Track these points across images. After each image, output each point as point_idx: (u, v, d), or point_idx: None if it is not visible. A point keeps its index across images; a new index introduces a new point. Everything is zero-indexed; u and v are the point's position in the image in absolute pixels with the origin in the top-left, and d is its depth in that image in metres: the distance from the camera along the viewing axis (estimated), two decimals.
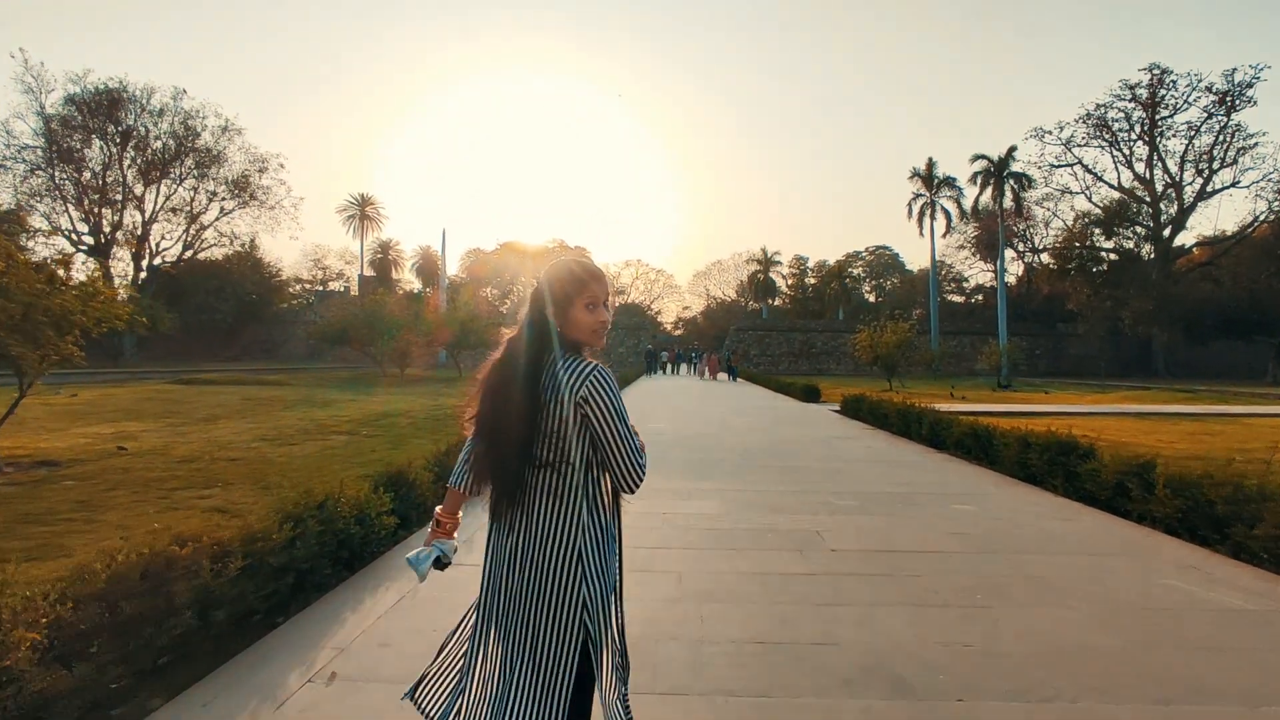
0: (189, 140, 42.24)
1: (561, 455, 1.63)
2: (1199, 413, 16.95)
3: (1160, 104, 43.12)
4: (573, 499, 1.65)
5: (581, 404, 1.58)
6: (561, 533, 1.64)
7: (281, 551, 3.25)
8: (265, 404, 16.17)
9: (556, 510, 1.65)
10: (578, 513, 1.65)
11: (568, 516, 1.65)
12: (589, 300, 1.69)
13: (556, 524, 1.64)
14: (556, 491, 1.65)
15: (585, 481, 1.66)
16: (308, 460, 8.33)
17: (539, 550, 1.64)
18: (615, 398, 1.62)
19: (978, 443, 8.46)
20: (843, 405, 15.02)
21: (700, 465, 8.07)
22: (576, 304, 1.68)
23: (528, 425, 1.61)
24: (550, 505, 1.65)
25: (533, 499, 1.66)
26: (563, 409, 1.59)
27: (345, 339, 30.54)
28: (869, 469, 7.97)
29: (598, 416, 1.60)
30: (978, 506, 6.00)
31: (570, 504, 1.65)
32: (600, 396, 1.59)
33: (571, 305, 1.69)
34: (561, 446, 1.62)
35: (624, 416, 1.64)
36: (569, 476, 1.64)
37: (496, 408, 1.68)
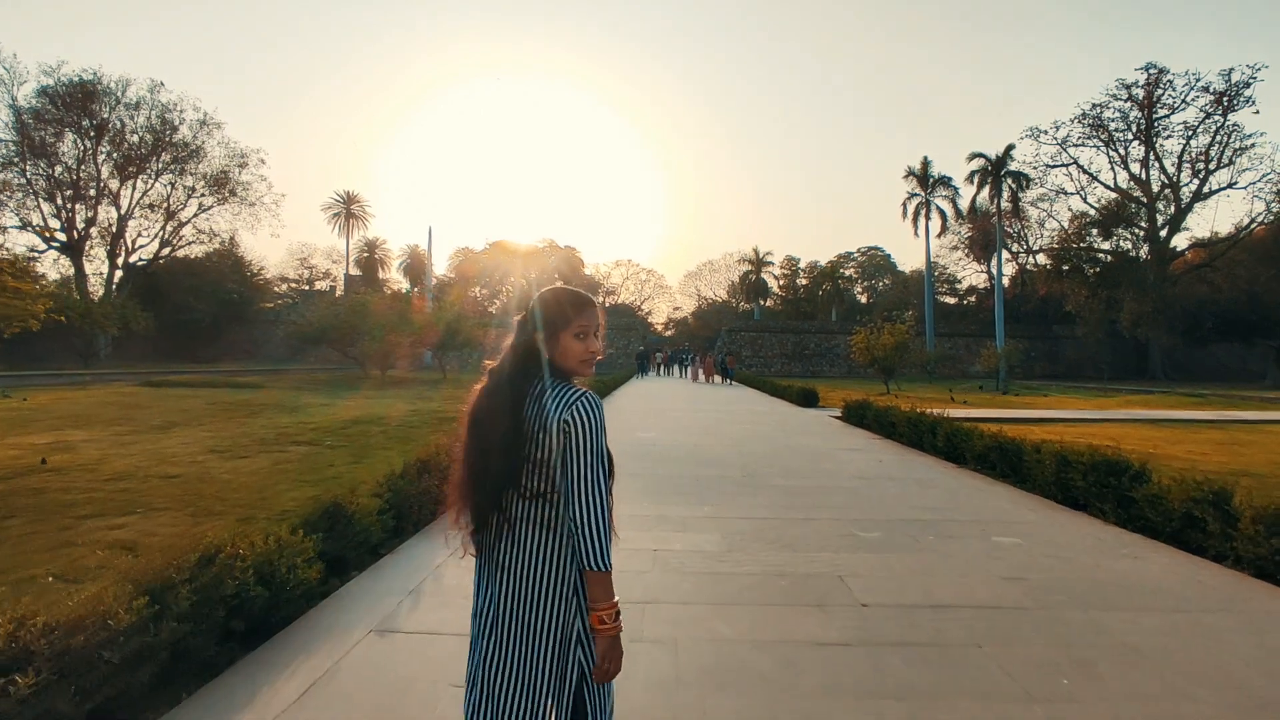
0: (166, 134, 40.94)
1: (551, 485, 1.58)
2: (1217, 419, 16.22)
3: (1157, 104, 42.60)
4: (564, 530, 1.59)
5: (564, 426, 1.54)
6: (555, 565, 1.59)
7: (122, 642, 2.34)
8: (231, 409, 15.19)
9: (549, 542, 1.60)
10: (552, 547, 1.60)
11: (561, 548, 1.60)
12: (579, 329, 1.66)
13: (549, 556, 1.60)
14: (549, 523, 1.60)
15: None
16: (255, 477, 7.40)
17: (532, 585, 1.59)
18: (598, 429, 1.56)
19: (1004, 458, 7.62)
20: (845, 412, 14.16)
21: (696, 485, 7.18)
22: (567, 332, 1.65)
23: (512, 453, 1.58)
24: (543, 537, 1.60)
25: (523, 531, 1.61)
26: (549, 437, 1.55)
27: (325, 340, 29.51)
28: (885, 489, 7.11)
29: (573, 443, 1.54)
30: (1022, 539, 5.14)
31: (562, 535, 1.59)
32: (582, 422, 1.54)
33: (562, 332, 1.65)
34: (551, 476, 1.57)
35: (602, 453, 1.56)
36: (560, 506, 1.58)
37: (481, 436, 1.65)
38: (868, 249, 79.61)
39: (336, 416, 14.10)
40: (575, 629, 1.59)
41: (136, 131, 40.62)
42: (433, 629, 3.37)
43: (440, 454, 5.99)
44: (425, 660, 3.02)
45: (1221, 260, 41.61)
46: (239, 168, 43.29)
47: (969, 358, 49.66)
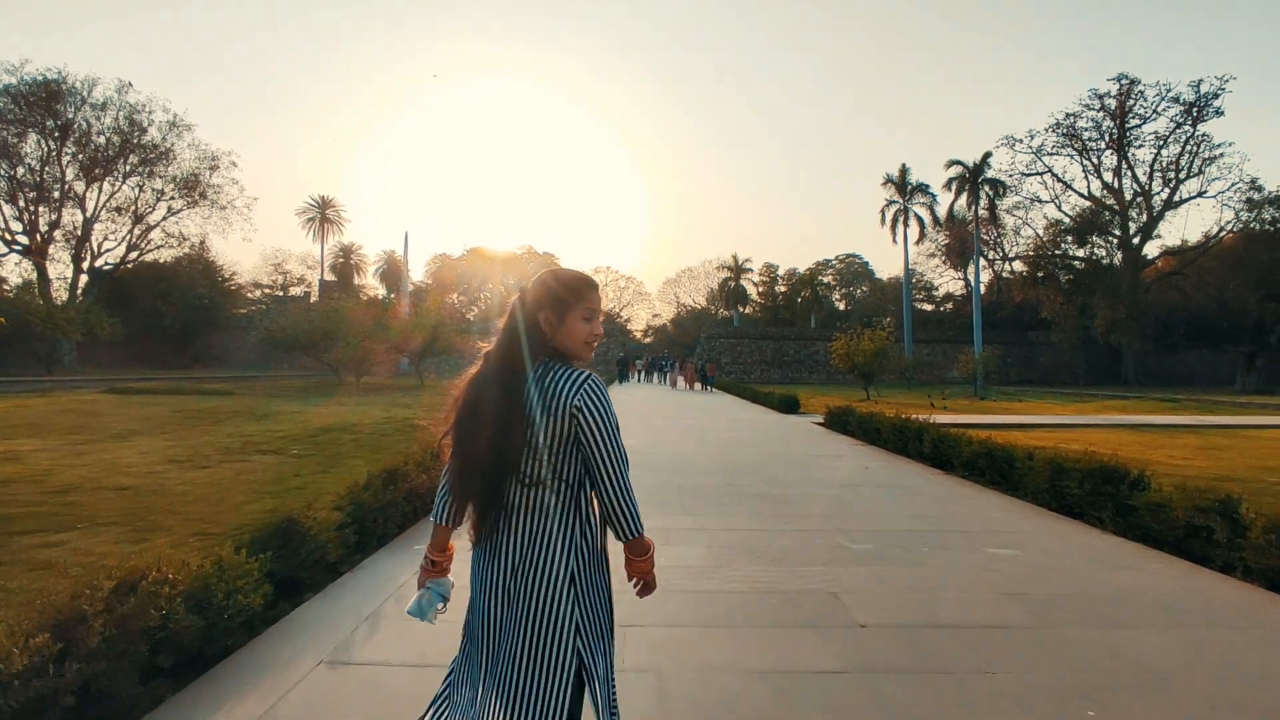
0: (134, 136, 39.96)
1: (554, 471, 1.55)
2: (1193, 424, 16.27)
3: (1129, 114, 43.30)
4: (565, 517, 1.57)
5: (575, 413, 1.51)
6: (553, 553, 1.55)
7: (16, 688, 1.99)
8: (196, 417, 14.66)
9: (547, 530, 1.56)
10: (570, 532, 1.57)
11: (560, 536, 1.56)
12: (587, 311, 1.62)
13: (547, 544, 1.55)
14: (549, 510, 1.56)
15: (579, 499, 1.60)
16: (213, 489, 6.99)
17: (529, 573, 1.55)
18: (611, 412, 1.56)
19: (994, 465, 7.42)
20: (827, 418, 13.98)
21: (679, 494, 6.89)
22: (575, 313, 1.61)
23: (511, 438, 1.52)
24: (541, 524, 1.56)
25: (521, 519, 1.57)
26: (556, 421, 1.52)
27: (298, 346, 28.88)
28: (874, 497, 6.87)
29: (591, 430, 1.52)
30: (1019, 550, 4.91)
31: (562, 523, 1.57)
32: (596, 407, 1.53)
33: (570, 313, 1.61)
34: (554, 462, 1.54)
35: (618, 434, 1.56)
36: (562, 494, 1.57)
37: (476, 422, 1.58)
38: (845, 256, 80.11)
39: (307, 424, 13.64)
40: (574, 617, 1.55)
41: (103, 132, 39.66)
42: (390, 659, 3.04)
43: (409, 463, 5.66)
44: (380, 696, 2.69)
45: (1191, 268, 42.32)
46: (210, 170, 42.44)
47: (946, 364, 49.96)
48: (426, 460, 5.94)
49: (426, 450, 6.33)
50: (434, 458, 6.19)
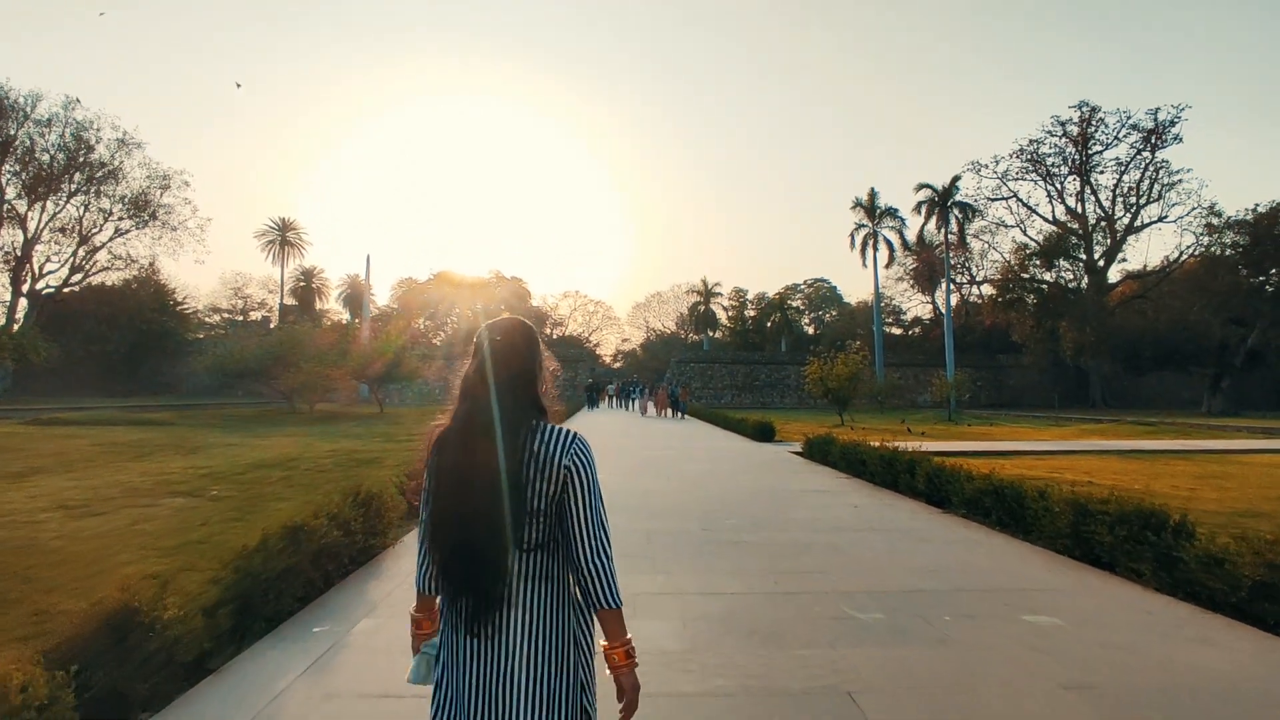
0: (81, 153, 38.19)
1: (549, 534, 1.50)
2: (1182, 449, 15.80)
3: (1091, 140, 44.05)
4: (563, 580, 1.52)
5: (565, 472, 1.48)
6: (556, 618, 1.49)
7: None
8: (118, 451, 13.34)
9: (548, 595, 1.49)
10: (569, 594, 1.53)
11: (561, 599, 1.50)
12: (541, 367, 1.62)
13: (550, 610, 1.48)
14: (549, 574, 1.50)
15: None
16: (96, 543, 5.88)
17: (533, 642, 1.46)
18: (596, 472, 1.54)
19: (1001, 504, 6.61)
20: (806, 447, 13.15)
21: (647, 544, 5.95)
22: (546, 366, 1.63)
23: (515, 506, 1.44)
24: (542, 590, 1.49)
25: (522, 587, 1.48)
26: (549, 483, 1.47)
27: (247, 372, 27.38)
28: (871, 544, 6.00)
29: (578, 489, 1.49)
30: (1059, 617, 4.07)
31: (562, 585, 1.52)
32: (585, 466, 1.51)
33: (543, 367, 1.61)
34: (549, 525, 1.49)
35: (601, 496, 1.54)
36: (558, 554, 1.52)
37: (468, 489, 1.46)
38: (814, 281, 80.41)
39: (240, 459, 12.43)
40: (580, 677, 1.50)
41: (48, 150, 37.80)
42: None
43: (320, 516, 4.64)
44: None
45: (1154, 291, 42.87)
46: (161, 190, 40.64)
47: (917, 387, 49.88)
48: (346, 511, 4.93)
49: (350, 496, 5.32)
50: (359, 506, 5.20)
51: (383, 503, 5.53)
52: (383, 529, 5.55)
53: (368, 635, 3.70)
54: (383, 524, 5.50)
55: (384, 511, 5.53)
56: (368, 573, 4.91)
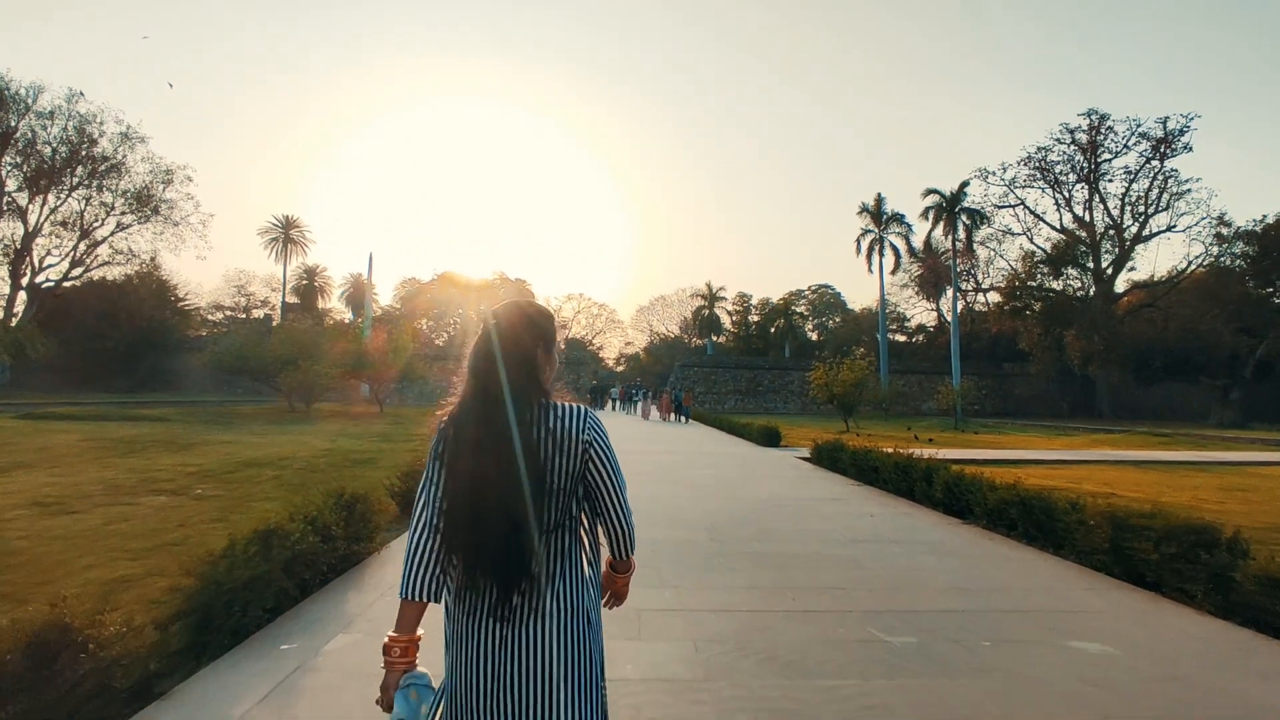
0: (84, 147, 37.92)
1: (568, 512, 1.48)
2: (1199, 460, 15.38)
3: (1100, 148, 43.63)
4: (577, 557, 1.51)
5: (587, 447, 1.47)
6: (573, 597, 1.46)
7: None
8: (107, 447, 12.99)
9: (564, 573, 1.47)
10: (582, 570, 1.51)
11: (576, 577, 1.49)
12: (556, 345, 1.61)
13: (567, 589, 1.46)
14: (565, 552, 1.48)
15: (582, 535, 1.55)
16: (64, 544, 5.52)
17: (552, 623, 1.42)
18: (608, 437, 1.53)
19: (1028, 515, 6.21)
20: (815, 453, 12.74)
21: (654, 555, 5.56)
22: (553, 349, 1.60)
23: (535, 483, 1.42)
24: (565, 569, 1.47)
25: (546, 568, 1.45)
26: (569, 460, 1.45)
27: (245, 370, 27.06)
28: (892, 558, 5.61)
29: (600, 459, 1.48)
30: (1109, 644, 3.67)
31: (576, 563, 1.50)
32: (602, 437, 1.50)
33: (552, 349, 1.59)
34: (567, 503, 1.48)
35: (617, 458, 1.54)
36: (576, 530, 1.51)
37: (492, 458, 1.41)
38: (818, 287, 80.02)
39: (232, 456, 12.07)
40: (597, 659, 1.51)
41: (50, 143, 37.49)
42: None
43: (297, 519, 4.27)
44: None
45: (1163, 301, 42.39)
46: (163, 184, 40.33)
47: (921, 395, 49.41)
48: (326, 514, 4.55)
49: (334, 498, 4.95)
50: (342, 508, 4.82)
51: (369, 506, 5.16)
52: (369, 534, 5.17)
53: (340, 655, 3.31)
54: (369, 528, 5.12)
55: (370, 515, 5.15)
56: (348, 582, 4.53)
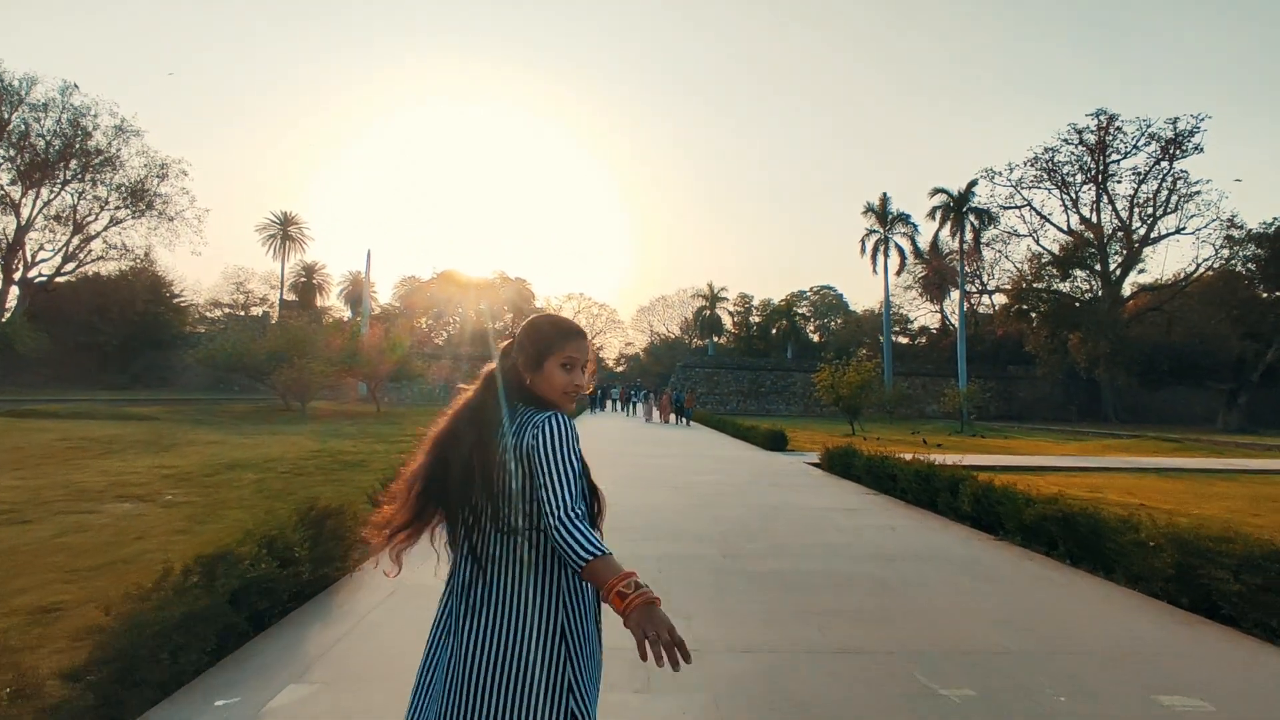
0: (78, 140, 37.37)
1: (527, 519, 1.46)
2: (1222, 469, 14.80)
3: (1108, 149, 43.05)
4: (549, 570, 1.47)
5: (530, 451, 1.43)
6: (540, 609, 1.44)
7: None
8: (84, 447, 12.42)
9: (532, 584, 1.45)
10: (557, 586, 1.46)
11: (546, 591, 1.45)
12: (566, 359, 1.55)
13: (533, 599, 1.44)
14: (527, 561, 1.46)
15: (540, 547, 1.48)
16: (6, 560, 4.96)
17: (513, 629, 1.42)
18: (561, 436, 1.43)
19: (1070, 533, 5.63)
20: (826, 459, 12.15)
21: (659, 576, 4.98)
22: (552, 360, 1.55)
23: (483, 484, 1.47)
24: (522, 576, 1.46)
25: (500, 571, 1.47)
26: (521, 465, 1.45)
27: (238, 367, 26.50)
28: (925, 579, 5.04)
29: (539, 461, 1.41)
30: (1203, 697, 3.10)
31: (547, 576, 1.46)
32: (545, 435, 1.42)
33: (548, 360, 1.55)
34: (525, 509, 1.45)
35: (564, 453, 1.42)
36: (542, 544, 1.46)
37: (444, 463, 1.55)
38: (820, 288, 79.43)
39: (215, 458, 11.52)
40: (565, 676, 1.42)
41: (43, 135, 36.89)
42: None
43: (250, 542, 3.70)
44: None
45: (1170, 304, 41.81)
46: (158, 179, 39.72)
47: (925, 397, 48.83)
48: (289, 534, 3.99)
49: (301, 514, 4.39)
50: (309, 526, 4.26)
51: (342, 522, 4.58)
52: (341, 553, 4.59)
53: (288, 713, 2.75)
54: (342, 547, 4.54)
55: (344, 532, 4.58)
56: (312, 613, 3.95)
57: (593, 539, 1.33)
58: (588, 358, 1.60)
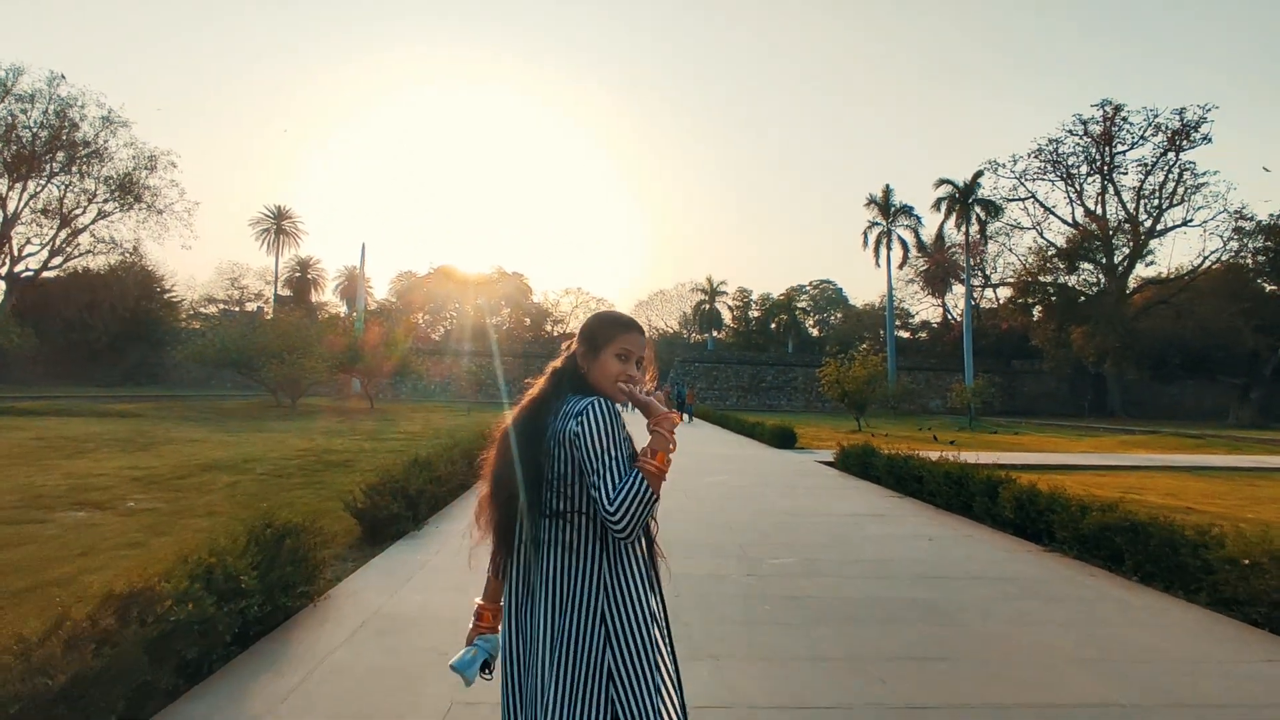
0: (65, 131, 36.50)
1: (571, 504, 1.48)
2: (1250, 466, 14.15)
3: (1115, 139, 42.34)
4: (588, 553, 1.47)
5: (574, 438, 1.44)
6: (579, 592, 1.45)
7: None
8: (56, 446, 11.73)
9: (572, 566, 1.46)
10: (596, 568, 1.47)
11: (585, 573, 1.46)
12: (621, 350, 1.58)
13: (573, 582, 1.46)
14: (570, 545, 1.47)
15: (603, 532, 1.48)
16: None
17: (558, 612, 1.44)
18: (607, 426, 1.43)
19: (1139, 545, 4.94)
20: (841, 458, 11.45)
21: (678, 597, 4.26)
22: (607, 350, 1.58)
23: (527, 469, 1.51)
24: (565, 560, 1.47)
25: (547, 554, 1.48)
26: (564, 450, 1.46)
27: (227, 363, 25.78)
28: (984, 605, 4.36)
29: (584, 445, 1.42)
30: None
31: (586, 559, 1.47)
32: (588, 423, 1.43)
33: (604, 350, 1.58)
34: (569, 493, 1.47)
35: (615, 442, 1.42)
36: (583, 527, 1.48)
37: (501, 453, 1.61)
38: (819, 282, 78.70)
39: (192, 458, 10.83)
40: (605, 662, 1.41)
41: (30, 127, 36.02)
42: None
43: (171, 581, 3.01)
44: None
45: (1178, 297, 41.16)
46: (147, 171, 38.81)
47: (928, 392, 48.26)
48: (234, 561, 3.29)
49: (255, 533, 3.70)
50: (262, 549, 3.58)
51: (304, 540, 3.89)
52: (307, 575, 3.90)
53: None
54: (304, 571, 3.85)
55: (307, 553, 3.89)
56: (263, 656, 3.25)
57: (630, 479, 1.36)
58: (644, 354, 1.61)
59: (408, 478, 6.24)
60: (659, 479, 1.38)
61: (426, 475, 6.63)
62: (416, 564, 4.96)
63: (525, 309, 71.44)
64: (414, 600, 4.12)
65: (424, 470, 6.72)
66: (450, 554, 5.30)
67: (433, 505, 6.73)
